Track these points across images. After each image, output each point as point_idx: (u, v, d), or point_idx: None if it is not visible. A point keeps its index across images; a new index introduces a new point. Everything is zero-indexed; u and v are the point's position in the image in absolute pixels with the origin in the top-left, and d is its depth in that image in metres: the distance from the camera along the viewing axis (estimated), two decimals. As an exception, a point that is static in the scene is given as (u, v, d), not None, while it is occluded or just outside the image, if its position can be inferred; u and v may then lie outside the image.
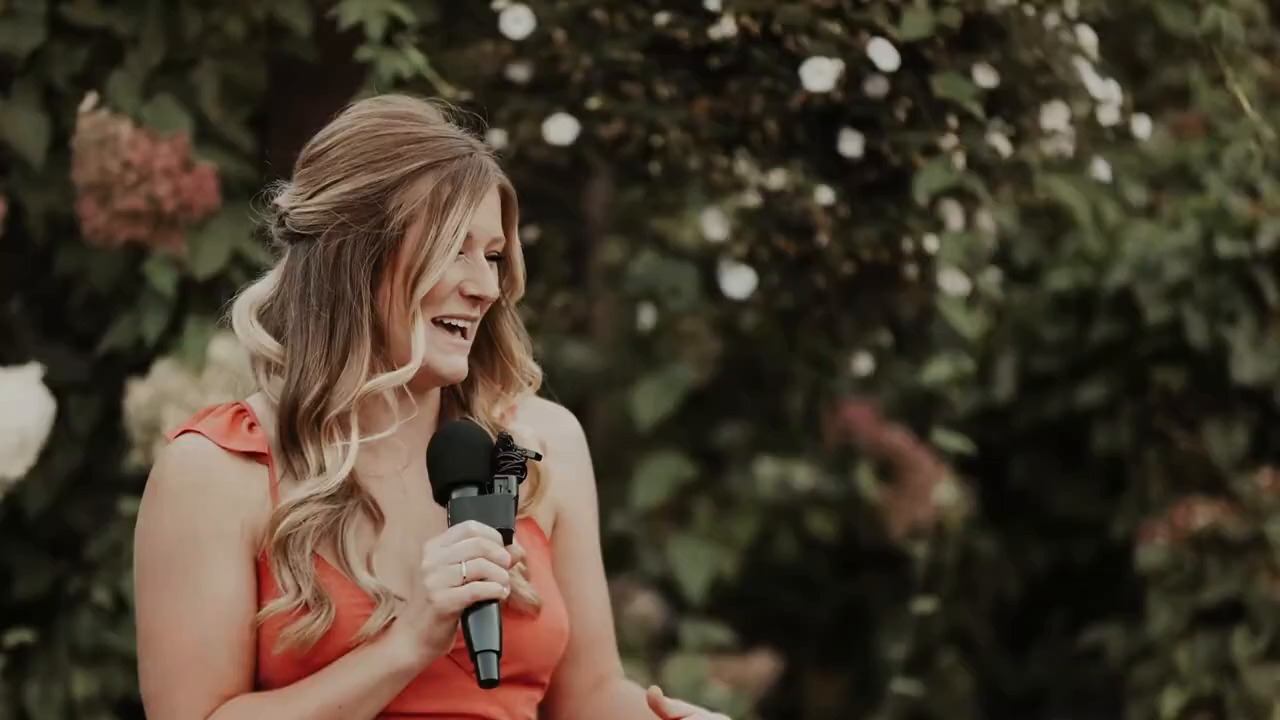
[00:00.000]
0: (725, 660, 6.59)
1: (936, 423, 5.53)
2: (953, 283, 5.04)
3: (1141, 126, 5.18)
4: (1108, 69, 5.27)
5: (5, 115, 5.01)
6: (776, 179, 4.88)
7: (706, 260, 5.51)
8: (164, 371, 5.00)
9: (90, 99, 4.87)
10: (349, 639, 2.91)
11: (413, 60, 4.63)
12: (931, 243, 4.93)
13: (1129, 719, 6.46)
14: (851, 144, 4.76)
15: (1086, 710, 7.14)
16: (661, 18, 4.72)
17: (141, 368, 5.10)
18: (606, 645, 3.23)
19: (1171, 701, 6.22)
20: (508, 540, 2.91)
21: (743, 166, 4.90)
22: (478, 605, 2.85)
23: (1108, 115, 5.00)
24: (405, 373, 2.94)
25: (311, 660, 2.91)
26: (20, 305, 5.32)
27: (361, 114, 3.03)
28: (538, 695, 3.10)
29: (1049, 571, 7.25)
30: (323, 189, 2.97)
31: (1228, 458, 6.54)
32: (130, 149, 4.79)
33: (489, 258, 3.00)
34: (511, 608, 2.95)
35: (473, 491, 2.94)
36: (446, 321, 2.97)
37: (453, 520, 2.92)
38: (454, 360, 2.98)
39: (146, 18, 5.04)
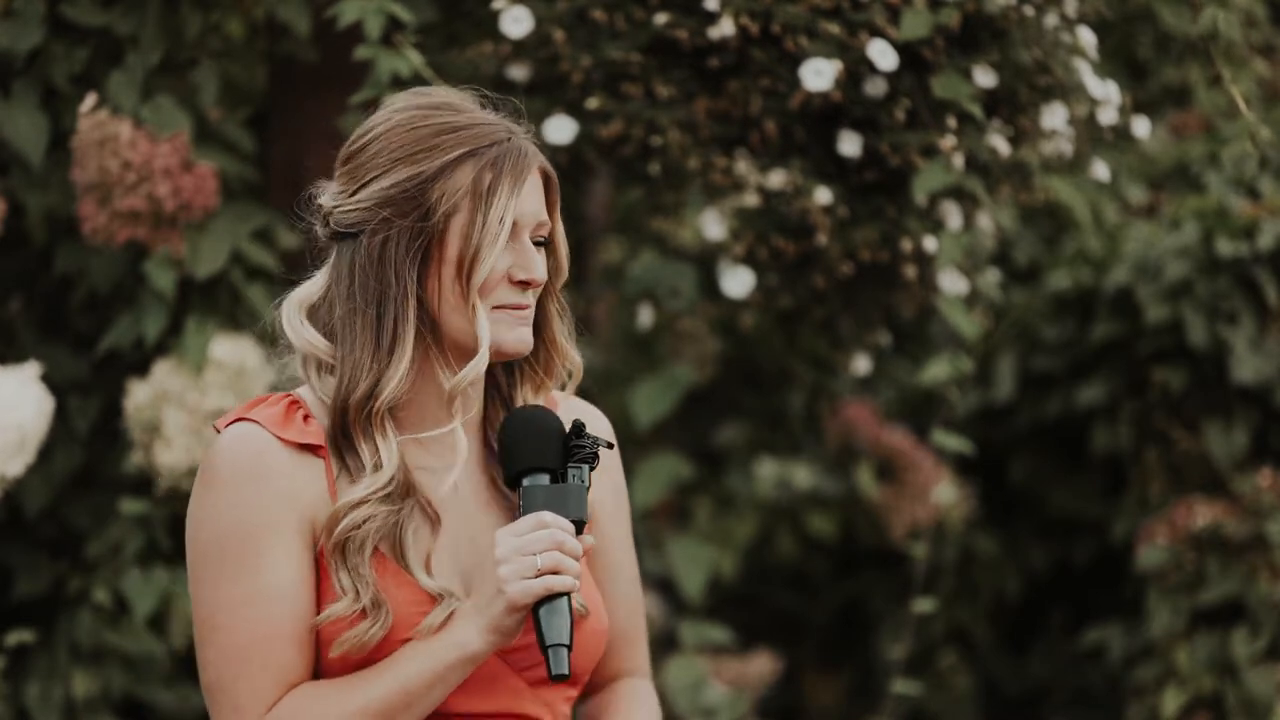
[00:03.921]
0: (725, 660, 6.59)
1: (936, 423, 5.53)
2: (952, 283, 5.04)
3: (1141, 126, 5.18)
4: (1107, 69, 5.27)
5: (5, 115, 5.01)
6: (775, 179, 4.88)
7: (706, 260, 5.51)
8: (164, 371, 5.00)
9: (90, 99, 4.87)
10: (405, 636, 2.89)
11: (411, 60, 4.63)
12: (930, 243, 4.93)
13: (1129, 719, 6.46)
14: (850, 144, 4.77)
15: (1086, 710, 7.14)
16: (661, 18, 4.72)
17: (141, 368, 5.10)
18: (631, 645, 3.19)
19: (1171, 701, 6.22)
20: (579, 531, 2.89)
21: (742, 166, 4.90)
22: (549, 598, 2.83)
23: (1107, 115, 5.00)
24: (480, 361, 2.91)
25: (367, 662, 2.89)
26: (20, 305, 5.33)
27: (397, 108, 3.02)
28: (575, 693, 3.09)
29: (1049, 571, 7.25)
30: (364, 185, 2.96)
31: (1228, 458, 6.54)
32: (130, 149, 4.79)
33: (536, 242, 2.98)
34: None
35: (544, 479, 2.92)
36: (503, 306, 2.95)
37: (524, 508, 2.90)
38: (519, 333, 2.95)
39: (146, 18, 5.04)
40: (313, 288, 3.03)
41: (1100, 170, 5.23)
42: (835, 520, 7.39)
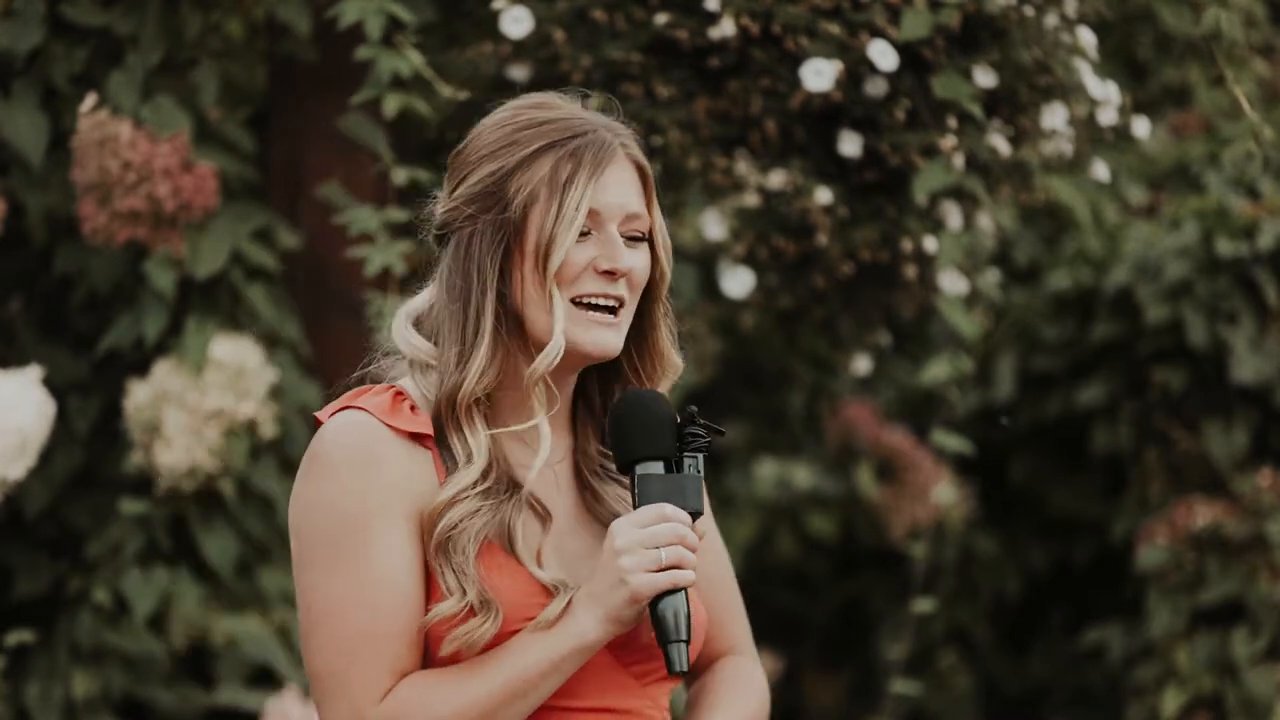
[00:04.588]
0: (725, 660, 6.58)
1: (936, 423, 5.53)
2: (952, 283, 5.04)
3: (1141, 126, 5.18)
4: (1107, 69, 5.27)
5: (5, 115, 5.01)
6: (776, 179, 4.88)
7: (706, 260, 5.51)
8: (164, 371, 5.01)
9: (90, 99, 4.87)
10: (516, 625, 2.85)
11: (411, 60, 4.63)
12: (930, 243, 4.93)
13: (1129, 719, 6.46)
14: (851, 144, 4.76)
15: (1086, 710, 7.14)
16: (661, 18, 4.72)
17: (141, 368, 5.10)
18: (726, 622, 3.15)
19: (1171, 701, 6.23)
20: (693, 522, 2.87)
21: (742, 167, 4.90)
22: (669, 591, 2.81)
23: (1107, 115, 5.00)
24: (554, 348, 2.87)
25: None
26: (20, 305, 5.33)
27: (497, 110, 3.00)
28: (674, 685, 3.06)
29: (1049, 571, 7.25)
30: (458, 185, 2.96)
31: (1228, 458, 6.55)
32: (130, 149, 4.79)
33: (633, 238, 2.95)
34: None
35: (659, 467, 2.88)
36: (587, 300, 2.91)
37: (639, 496, 2.87)
38: (598, 336, 2.91)
39: (146, 18, 5.04)
40: (422, 297, 3.02)
41: (1100, 170, 5.23)
42: (835, 520, 7.40)
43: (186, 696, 5.16)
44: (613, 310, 2.92)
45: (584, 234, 2.90)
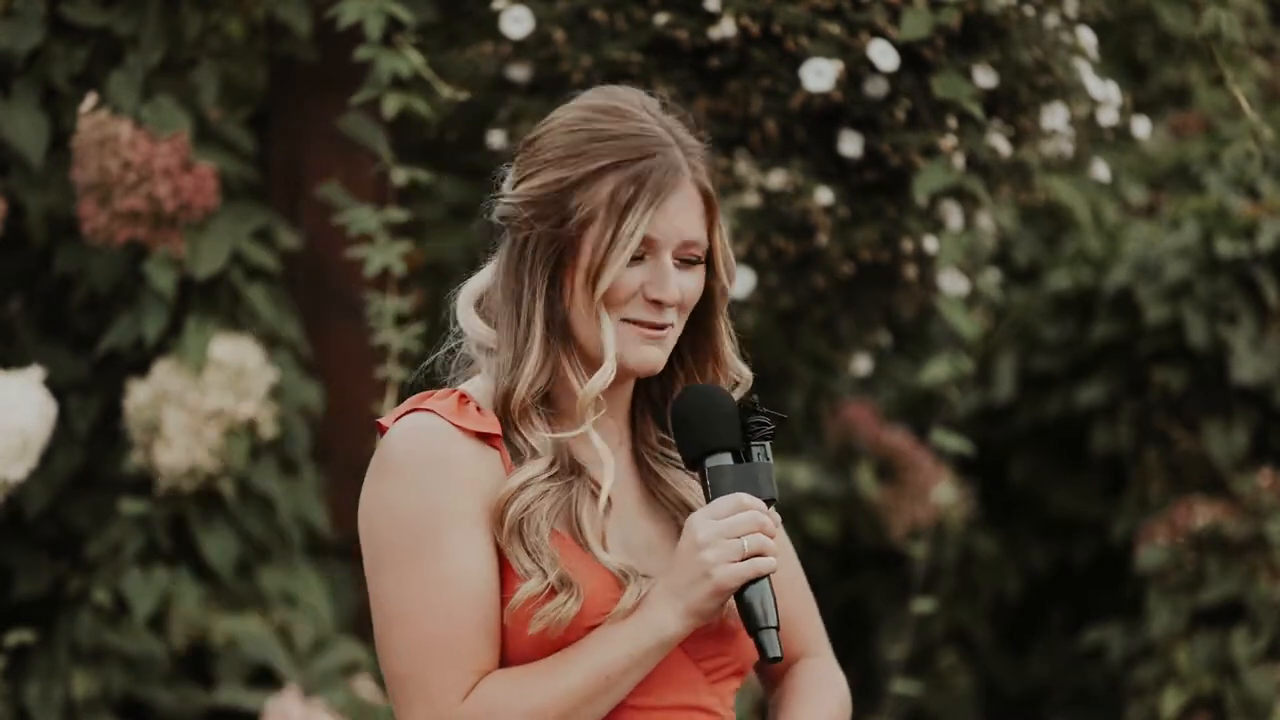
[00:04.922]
0: (725, 660, 6.58)
1: (936, 423, 5.53)
2: (952, 283, 5.04)
3: (1141, 126, 5.18)
4: (1107, 69, 5.27)
5: (5, 115, 5.01)
6: (776, 179, 4.88)
7: (706, 260, 5.49)
8: (164, 371, 5.01)
9: (90, 99, 4.87)
10: (593, 619, 2.85)
11: (411, 60, 4.63)
12: (930, 243, 4.93)
13: (1129, 719, 6.46)
14: (851, 144, 4.76)
15: (1086, 710, 7.15)
16: (661, 18, 4.72)
17: (141, 368, 5.11)
18: (799, 623, 3.15)
19: (1171, 701, 6.23)
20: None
21: (743, 167, 4.90)
22: (753, 580, 2.81)
23: (1107, 115, 5.01)
24: (607, 371, 2.88)
25: (561, 643, 2.86)
26: (20, 305, 5.33)
27: (573, 104, 2.98)
28: (739, 684, 3.06)
29: (1049, 571, 7.25)
30: (522, 180, 2.95)
31: (1228, 458, 6.55)
32: (130, 149, 4.79)
33: (687, 261, 2.94)
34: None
35: (727, 459, 2.89)
36: (634, 322, 2.92)
37: (712, 489, 2.87)
38: (643, 352, 2.92)
39: (146, 18, 5.04)
40: (484, 277, 3.02)
41: (1100, 170, 5.23)
42: (835, 520, 7.40)
43: (186, 696, 5.16)
44: (657, 328, 2.93)
45: (638, 259, 2.89)
